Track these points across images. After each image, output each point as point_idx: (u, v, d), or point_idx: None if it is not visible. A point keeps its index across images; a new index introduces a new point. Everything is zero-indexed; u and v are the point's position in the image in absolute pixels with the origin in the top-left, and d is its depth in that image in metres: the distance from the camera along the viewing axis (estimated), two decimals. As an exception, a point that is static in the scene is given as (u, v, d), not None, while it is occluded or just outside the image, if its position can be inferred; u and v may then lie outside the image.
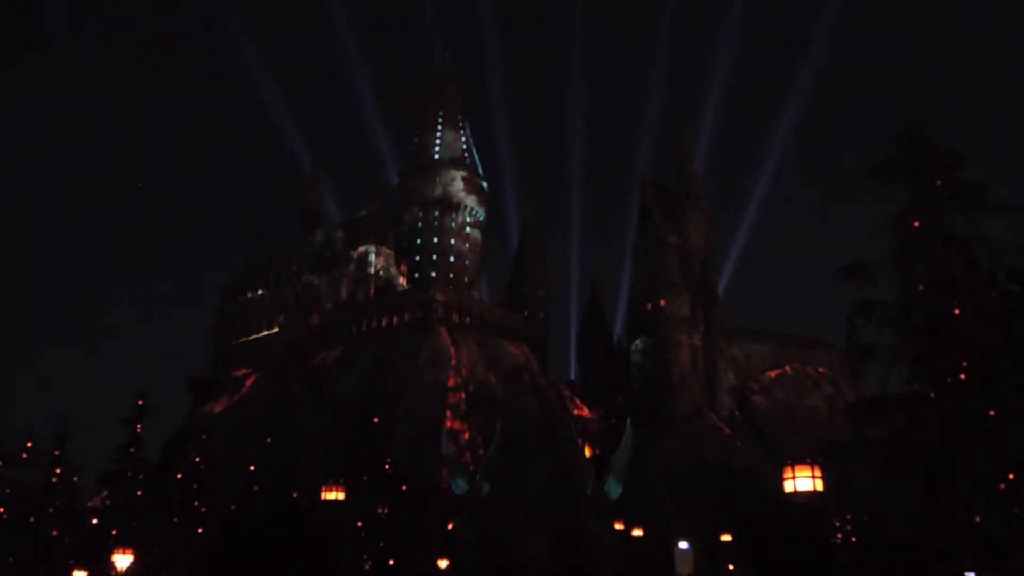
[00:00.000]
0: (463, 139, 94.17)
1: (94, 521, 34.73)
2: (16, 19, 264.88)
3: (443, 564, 40.34)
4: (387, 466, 47.05)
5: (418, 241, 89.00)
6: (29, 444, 30.78)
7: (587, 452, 72.67)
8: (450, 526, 49.90)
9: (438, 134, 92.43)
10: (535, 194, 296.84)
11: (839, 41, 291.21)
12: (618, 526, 50.46)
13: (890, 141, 17.12)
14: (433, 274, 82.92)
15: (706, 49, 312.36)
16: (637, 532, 48.69)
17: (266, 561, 34.78)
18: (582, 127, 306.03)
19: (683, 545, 53.62)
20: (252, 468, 49.40)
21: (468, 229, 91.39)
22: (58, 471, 32.42)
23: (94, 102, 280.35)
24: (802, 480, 14.50)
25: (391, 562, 40.36)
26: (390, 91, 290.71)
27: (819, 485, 14.50)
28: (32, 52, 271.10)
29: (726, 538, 47.47)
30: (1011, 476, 14.32)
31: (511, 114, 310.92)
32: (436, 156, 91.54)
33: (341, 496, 27.41)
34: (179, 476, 44.20)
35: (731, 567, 48.42)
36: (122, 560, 22.51)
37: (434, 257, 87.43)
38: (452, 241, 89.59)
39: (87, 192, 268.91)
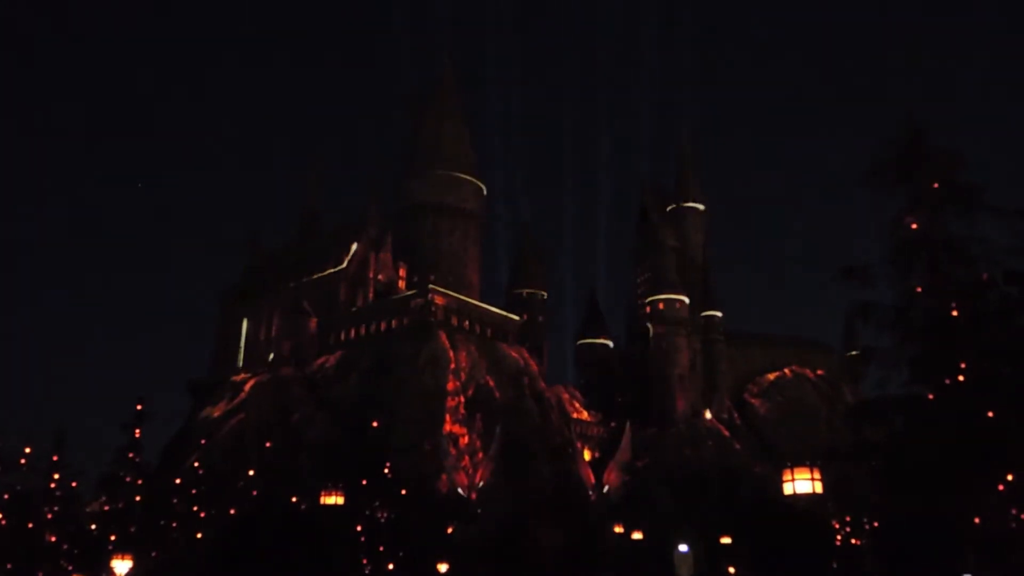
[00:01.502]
0: (462, 141, 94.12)
1: (93, 527, 34.62)
2: (10, 18, 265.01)
3: (443, 568, 40.27)
4: (386, 470, 46.99)
5: (417, 244, 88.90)
6: (27, 449, 30.70)
7: (586, 455, 72.64)
8: (449, 530, 49.81)
9: (437, 136, 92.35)
10: (534, 196, 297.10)
11: (835, 40, 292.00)
12: (617, 529, 50.44)
13: (888, 143, 17.13)
14: (432, 277, 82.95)
15: (705, 50, 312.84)
16: (636, 535, 48.66)
17: (265, 566, 34.69)
18: (582, 129, 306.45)
19: (683, 548, 53.51)
20: (251, 472, 49.32)
21: (467, 232, 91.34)
22: (56, 476, 32.29)
23: (92, 103, 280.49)
24: (801, 482, 14.52)
25: (390, 566, 40.31)
26: (390, 93, 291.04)
27: (818, 487, 14.52)
28: (14, 52, 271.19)
29: (726, 540, 47.45)
30: (1010, 477, 14.33)
31: (511, 116, 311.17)
32: (435, 158, 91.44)
33: (340, 500, 27.38)
34: (178, 481, 44.13)
35: (731, 570, 48.34)
36: (121, 566, 22.42)
37: (433, 260, 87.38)
38: (451, 244, 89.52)
39: (85, 193, 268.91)
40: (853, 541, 40.60)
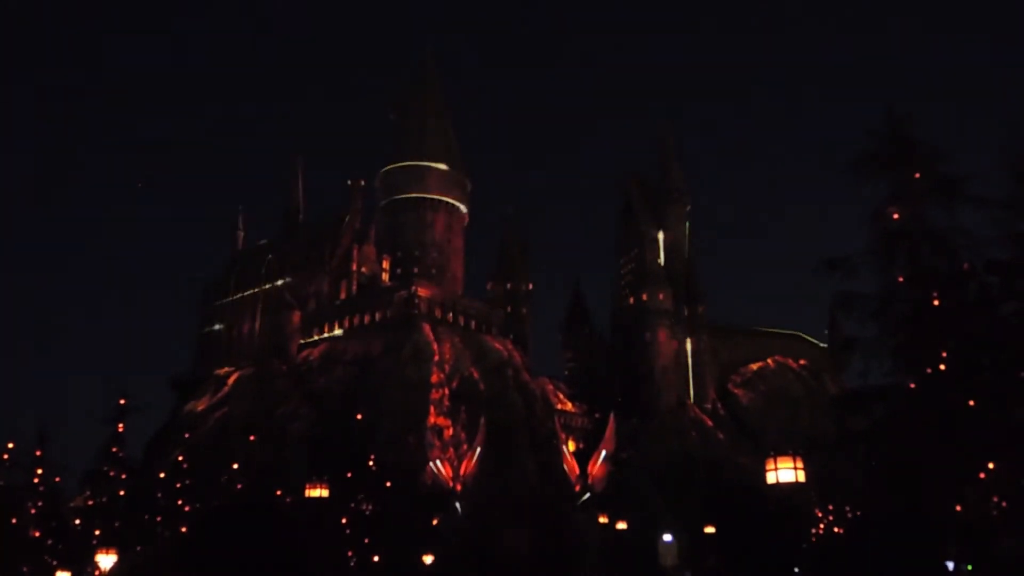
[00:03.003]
0: (446, 134, 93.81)
1: (77, 521, 34.53)
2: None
3: (428, 559, 40.31)
4: (371, 462, 47.03)
5: (401, 237, 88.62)
6: (10, 445, 30.56)
7: (571, 446, 72.81)
8: (435, 522, 49.88)
9: (421, 129, 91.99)
10: (519, 188, 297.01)
11: (821, 33, 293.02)
12: (602, 519, 50.59)
13: (871, 134, 17.24)
14: (416, 270, 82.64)
15: (690, 43, 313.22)
16: (621, 525, 48.79)
17: (250, 559, 34.64)
18: (567, 120, 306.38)
19: (667, 537, 53.83)
20: (235, 466, 49.20)
21: (451, 224, 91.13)
22: (39, 472, 32.16)
23: (77, 104, 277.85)
24: (784, 471, 14.58)
25: (376, 558, 40.34)
26: (373, 84, 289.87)
27: (801, 476, 14.59)
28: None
29: (709, 530, 47.75)
30: (990, 466, 14.48)
31: (494, 108, 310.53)
32: (419, 151, 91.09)
33: (325, 493, 27.33)
34: (162, 475, 44.04)
35: (715, 558, 48.69)
36: (105, 560, 22.36)
37: (417, 253, 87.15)
38: (435, 236, 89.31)
39: (67, 189, 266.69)
40: (836, 529, 40.93)
